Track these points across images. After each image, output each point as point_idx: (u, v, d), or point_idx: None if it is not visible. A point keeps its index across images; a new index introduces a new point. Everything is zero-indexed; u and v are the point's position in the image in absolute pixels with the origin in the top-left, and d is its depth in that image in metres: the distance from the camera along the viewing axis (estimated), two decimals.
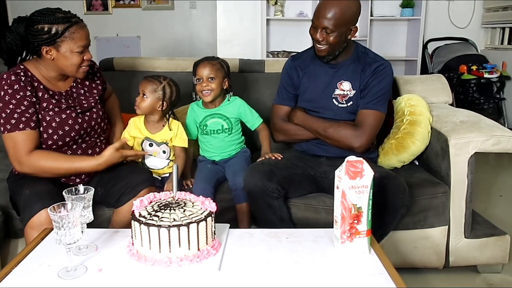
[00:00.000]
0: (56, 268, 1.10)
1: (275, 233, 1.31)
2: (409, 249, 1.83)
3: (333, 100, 1.78)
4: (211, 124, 1.91)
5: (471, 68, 3.77)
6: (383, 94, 1.74)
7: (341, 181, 1.16)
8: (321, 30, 1.66)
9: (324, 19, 1.64)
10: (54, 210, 1.05)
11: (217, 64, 1.86)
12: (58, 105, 1.58)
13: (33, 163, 1.51)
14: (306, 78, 1.83)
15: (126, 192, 1.57)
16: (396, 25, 4.40)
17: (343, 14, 1.63)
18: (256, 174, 1.65)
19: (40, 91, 1.56)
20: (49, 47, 1.51)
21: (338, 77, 1.78)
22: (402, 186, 1.58)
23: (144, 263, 1.11)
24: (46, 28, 1.48)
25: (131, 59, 2.37)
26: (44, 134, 1.56)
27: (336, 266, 1.14)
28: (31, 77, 1.56)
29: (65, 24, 1.50)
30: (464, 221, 1.82)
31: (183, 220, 1.11)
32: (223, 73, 1.86)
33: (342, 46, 1.71)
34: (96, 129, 1.69)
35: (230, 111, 1.92)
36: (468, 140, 1.76)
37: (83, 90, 1.69)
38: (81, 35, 1.53)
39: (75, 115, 1.60)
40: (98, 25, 5.22)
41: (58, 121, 1.56)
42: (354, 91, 1.76)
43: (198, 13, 5.47)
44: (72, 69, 1.56)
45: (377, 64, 1.75)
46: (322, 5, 1.66)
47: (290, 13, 4.23)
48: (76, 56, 1.54)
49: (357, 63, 1.77)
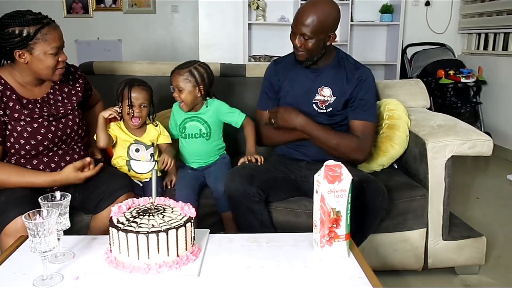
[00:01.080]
0: (32, 276, 1.08)
1: (255, 238, 1.31)
2: (389, 251, 1.85)
3: (313, 105, 1.79)
4: (190, 127, 1.89)
5: (448, 73, 3.85)
6: (373, 103, 1.79)
7: (320, 185, 1.17)
8: (299, 36, 1.67)
9: (302, 25, 1.65)
10: (29, 217, 1.03)
11: (185, 73, 1.80)
12: (30, 115, 1.54)
13: None
14: (287, 82, 1.84)
15: (105, 198, 1.55)
16: (376, 30, 4.47)
17: (321, 21, 1.63)
18: (237, 178, 1.64)
19: (11, 101, 1.52)
20: (22, 51, 1.46)
21: (319, 82, 1.79)
22: (381, 190, 1.60)
23: (122, 270, 1.10)
24: (17, 31, 1.44)
25: (111, 63, 2.34)
26: (15, 144, 1.52)
27: (315, 270, 1.15)
28: (4, 85, 1.52)
29: (37, 25, 1.46)
30: (442, 223, 1.85)
31: (162, 226, 1.11)
32: (192, 82, 1.80)
33: (320, 52, 1.72)
34: (73, 136, 1.65)
35: (209, 115, 1.89)
36: (445, 144, 1.79)
37: (60, 97, 1.65)
38: (54, 36, 1.49)
39: (47, 123, 1.56)
40: (79, 28, 5.16)
41: (29, 131, 1.52)
42: (335, 97, 1.77)
43: (180, 17, 5.45)
44: (47, 72, 1.53)
45: (359, 73, 1.76)
46: (300, 11, 1.67)
47: (271, 18, 4.26)
48: (50, 58, 1.50)
49: (338, 69, 1.78)
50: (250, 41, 4.26)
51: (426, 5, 4.43)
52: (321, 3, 1.67)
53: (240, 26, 4.18)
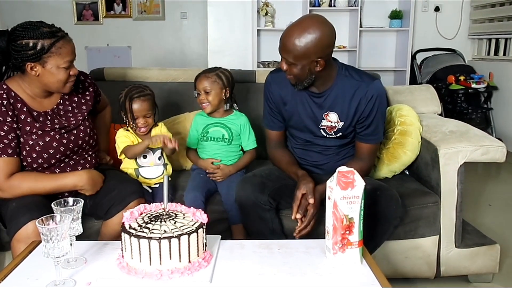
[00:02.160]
0: (44, 281, 1.08)
1: (266, 245, 1.31)
2: (400, 259, 1.83)
3: (321, 130, 1.71)
4: (212, 132, 1.93)
5: (459, 79, 3.82)
6: (382, 123, 1.70)
7: (332, 191, 1.16)
8: (283, 60, 1.54)
9: (283, 50, 1.51)
10: (42, 223, 1.03)
11: (213, 76, 1.87)
12: (41, 128, 1.53)
13: (14, 188, 1.47)
14: (290, 104, 1.71)
15: (115, 204, 1.55)
16: (385, 36, 4.47)
17: (303, 47, 1.46)
18: (248, 186, 1.63)
19: (23, 114, 1.51)
20: (34, 63, 1.44)
21: (323, 108, 1.66)
22: (395, 198, 1.58)
23: (135, 276, 1.10)
24: (31, 44, 1.42)
25: (121, 69, 2.36)
26: (28, 158, 1.51)
27: (328, 277, 1.14)
28: (14, 97, 1.50)
29: (51, 39, 1.44)
30: (455, 230, 1.82)
31: (174, 232, 1.10)
32: (220, 84, 1.87)
33: (309, 78, 1.55)
34: (84, 146, 1.64)
35: (234, 123, 1.94)
36: (457, 150, 1.77)
37: (70, 107, 1.64)
38: (68, 50, 1.48)
39: (59, 136, 1.55)
40: (89, 35, 5.22)
41: (41, 145, 1.52)
42: (342, 123, 1.66)
43: (189, 24, 5.49)
44: (58, 85, 1.51)
45: (368, 90, 1.61)
46: (285, 33, 1.51)
47: (280, 24, 4.27)
48: (62, 72, 1.48)
49: (342, 91, 1.63)
50: (259, 47, 4.28)
51: (436, 11, 4.42)
52: (308, 23, 1.48)
53: (249, 32, 4.21)
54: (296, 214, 1.52)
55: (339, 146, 1.75)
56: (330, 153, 1.76)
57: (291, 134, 1.81)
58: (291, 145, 1.84)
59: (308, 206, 1.53)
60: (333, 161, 1.76)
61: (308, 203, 1.53)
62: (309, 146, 1.77)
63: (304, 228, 1.53)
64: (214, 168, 1.87)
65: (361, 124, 1.66)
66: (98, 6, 5.34)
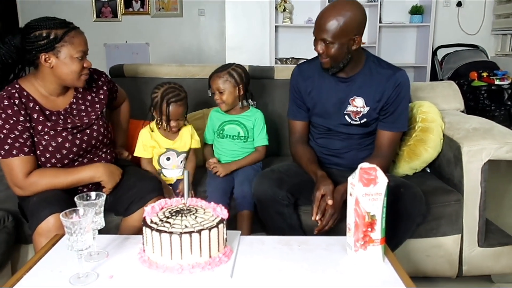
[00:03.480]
0: (67, 274, 1.09)
1: (286, 241, 1.30)
2: (421, 257, 1.81)
3: (345, 116, 1.71)
4: (228, 129, 1.93)
5: (481, 75, 3.74)
6: (406, 111, 1.71)
7: (354, 188, 1.14)
8: (321, 42, 1.57)
9: (321, 30, 1.54)
10: (66, 216, 1.04)
11: (225, 75, 1.86)
12: (53, 128, 1.53)
13: (33, 186, 1.49)
14: (315, 91, 1.74)
15: (135, 200, 1.56)
16: (405, 32, 4.40)
17: (342, 24, 1.52)
18: (266, 181, 1.63)
19: (35, 113, 1.51)
20: (48, 54, 1.46)
21: (350, 92, 1.68)
22: (418, 195, 1.56)
23: (156, 270, 1.10)
24: (45, 34, 1.45)
25: (141, 65, 2.38)
26: (41, 157, 1.53)
27: (349, 274, 1.12)
28: (27, 97, 1.52)
29: (64, 28, 1.47)
30: (478, 229, 1.79)
31: (194, 227, 1.11)
32: (232, 82, 1.86)
33: (346, 57, 1.59)
34: (98, 145, 1.65)
35: (249, 120, 1.94)
36: (481, 148, 1.74)
37: (84, 106, 1.64)
38: (80, 40, 1.50)
39: (71, 136, 1.56)
40: (108, 32, 5.26)
41: (54, 145, 1.53)
42: (368, 108, 1.67)
43: (206, 20, 5.49)
44: (73, 77, 1.51)
45: (395, 77, 1.64)
46: (320, 15, 1.57)
47: (298, 20, 4.24)
48: (76, 63, 1.49)
49: (370, 76, 1.66)
50: (277, 44, 4.26)
51: (458, 6, 4.32)
52: (341, 4, 1.55)
53: (267, 29, 4.18)
54: (316, 216, 1.53)
55: (362, 136, 1.74)
56: (352, 141, 1.75)
57: (314, 123, 1.80)
58: (313, 136, 1.83)
59: (326, 206, 1.53)
60: (355, 150, 1.76)
61: (327, 204, 1.53)
62: (332, 134, 1.76)
63: (323, 228, 1.53)
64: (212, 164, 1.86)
65: (385, 110, 1.67)
66: (117, 4, 5.39)
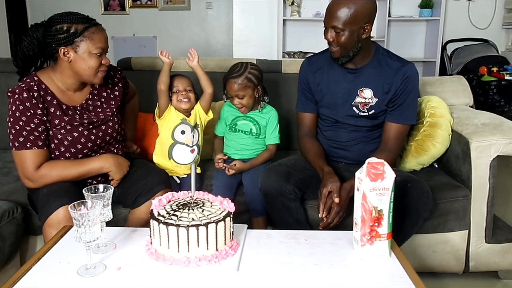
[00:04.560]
0: (76, 265, 1.11)
1: (293, 235, 1.30)
2: (427, 253, 1.80)
3: (354, 108, 1.70)
4: (241, 125, 1.93)
5: (491, 70, 3.69)
6: (415, 103, 1.70)
7: (361, 183, 1.14)
8: (331, 29, 1.58)
9: (332, 17, 1.55)
10: (74, 208, 1.05)
11: (244, 80, 1.82)
12: (70, 122, 1.55)
13: (43, 178, 1.50)
14: (323, 83, 1.74)
15: (143, 193, 1.58)
16: (414, 26, 4.35)
17: (353, 11, 1.53)
18: (273, 175, 1.63)
19: (53, 107, 1.53)
20: (67, 48, 1.47)
21: (359, 83, 1.68)
22: (425, 190, 1.55)
23: (163, 262, 1.11)
24: (65, 28, 1.46)
25: (148, 58, 2.38)
26: (55, 151, 1.54)
27: (356, 269, 1.12)
28: (45, 90, 1.53)
29: (85, 24, 1.48)
30: (485, 225, 1.78)
31: (201, 220, 1.11)
32: (252, 86, 1.84)
33: (356, 46, 1.59)
34: (111, 141, 1.66)
35: (262, 117, 1.93)
36: (490, 143, 1.72)
37: (99, 102, 1.65)
38: (100, 37, 1.51)
39: (87, 132, 1.57)
40: (115, 25, 5.27)
41: (70, 140, 1.54)
42: (376, 99, 1.67)
43: (214, 14, 5.48)
44: (90, 73, 1.52)
45: (404, 70, 1.64)
46: (331, 3, 1.59)
47: (306, 14, 4.21)
48: (94, 59, 1.50)
49: (379, 68, 1.66)
50: (285, 37, 4.23)
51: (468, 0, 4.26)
52: None
53: (275, 22, 4.16)
54: (323, 213, 1.53)
55: (369, 128, 1.73)
56: (360, 134, 1.75)
57: (322, 116, 1.80)
58: (321, 128, 1.82)
59: (332, 204, 1.53)
60: (363, 142, 1.75)
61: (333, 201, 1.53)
62: (340, 126, 1.76)
63: (328, 225, 1.54)
64: (221, 166, 1.85)
65: (394, 102, 1.67)
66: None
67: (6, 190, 1.74)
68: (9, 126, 1.48)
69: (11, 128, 1.48)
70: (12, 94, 1.48)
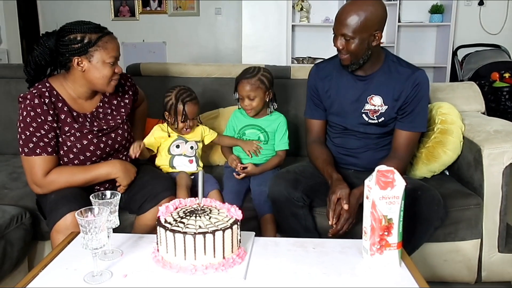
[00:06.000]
0: (82, 272, 1.10)
1: (301, 243, 1.28)
2: (439, 262, 1.77)
3: (363, 115, 1.68)
4: (249, 134, 1.93)
5: (503, 76, 3.65)
6: (425, 111, 1.67)
7: (371, 191, 1.12)
8: (341, 37, 1.55)
9: (342, 25, 1.53)
10: (81, 215, 1.05)
11: (257, 82, 1.82)
12: (80, 130, 1.55)
13: (51, 184, 1.50)
14: (333, 90, 1.72)
15: (149, 199, 1.57)
16: (424, 31, 4.32)
17: (363, 19, 1.50)
18: (281, 182, 1.62)
19: (63, 114, 1.53)
20: (80, 58, 1.47)
21: (368, 91, 1.66)
22: (437, 198, 1.53)
23: (169, 270, 1.10)
24: (79, 37, 1.46)
25: (157, 64, 2.39)
26: (64, 158, 1.55)
27: (365, 278, 1.10)
28: (56, 96, 1.53)
29: (98, 33, 1.48)
30: (498, 234, 1.74)
31: (208, 228, 1.10)
32: (264, 88, 1.84)
33: (366, 54, 1.57)
34: (120, 149, 1.66)
35: (269, 124, 1.92)
36: (503, 151, 1.69)
37: (110, 109, 1.66)
38: (113, 46, 1.51)
39: (96, 140, 1.57)
40: (125, 31, 5.31)
41: (79, 147, 1.54)
42: (386, 107, 1.64)
43: (223, 19, 5.50)
44: (103, 82, 1.52)
45: (415, 77, 1.61)
46: (340, 11, 1.56)
47: (315, 19, 4.21)
48: (108, 68, 1.50)
49: (389, 74, 1.64)
50: (293, 43, 4.22)
51: (480, 5, 4.22)
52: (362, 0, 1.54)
53: (284, 28, 4.16)
54: (333, 219, 1.52)
55: (379, 135, 1.71)
56: (369, 141, 1.73)
57: (331, 123, 1.78)
58: (330, 136, 1.81)
59: (341, 211, 1.51)
60: (372, 150, 1.73)
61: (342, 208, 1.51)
62: (349, 133, 1.74)
63: (337, 232, 1.52)
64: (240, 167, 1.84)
65: (404, 109, 1.64)
66: (135, 3, 5.44)
67: (15, 196, 1.75)
68: (19, 131, 1.49)
69: (21, 134, 1.48)
70: (23, 100, 1.49)
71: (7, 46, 4.46)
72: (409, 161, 1.75)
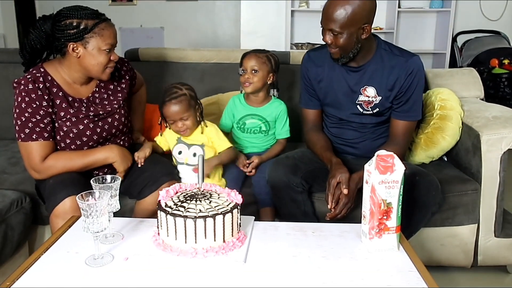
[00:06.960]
0: (84, 255, 1.11)
1: (300, 227, 1.29)
2: (435, 246, 1.79)
3: (357, 106, 1.67)
4: (250, 124, 1.90)
5: (503, 62, 3.64)
6: (420, 99, 1.66)
7: (370, 175, 1.13)
8: (329, 32, 1.52)
9: (329, 20, 1.49)
10: (82, 199, 1.05)
11: (263, 57, 1.82)
12: (76, 115, 1.54)
13: (49, 169, 1.50)
14: (325, 81, 1.70)
15: (149, 184, 1.58)
16: (424, 17, 4.29)
17: (350, 13, 1.46)
18: (281, 168, 1.62)
19: (58, 99, 1.52)
20: (76, 44, 1.46)
21: (361, 82, 1.64)
22: (434, 184, 1.53)
23: (170, 253, 1.11)
24: (75, 23, 1.45)
25: (156, 49, 2.37)
26: (61, 143, 1.54)
27: (364, 262, 1.12)
28: (51, 81, 1.52)
29: (95, 20, 1.46)
30: (495, 219, 1.76)
31: (209, 212, 1.11)
32: (269, 67, 1.82)
33: (355, 47, 1.54)
34: (117, 134, 1.66)
35: (270, 113, 1.89)
36: (501, 136, 1.70)
37: (106, 94, 1.64)
38: (110, 33, 1.49)
39: (93, 124, 1.56)
40: (123, 16, 5.26)
41: (75, 132, 1.54)
42: (380, 97, 1.63)
43: (221, 4, 5.44)
44: (98, 69, 1.51)
45: (408, 64, 1.59)
46: (327, 4, 1.51)
47: (315, 5, 4.16)
48: (103, 55, 1.49)
49: (381, 64, 1.61)
50: (293, 29, 4.19)
51: None
52: None
53: (283, 13, 4.12)
54: (331, 203, 1.52)
55: (375, 125, 1.71)
56: (366, 131, 1.72)
57: (327, 113, 1.78)
58: (326, 125, 1.81)
59: (340, 195, 1.52)
60: (369, 139, 1.73)
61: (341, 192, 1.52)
62: (345, 124, 1.74)
63: (335, 216, 1.52)
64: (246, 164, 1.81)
65: (399, 99, 1.63)
66: None
67: (15, 180, 1.76)
68: (14, 117, 1.49)
69: (17, 120, 1.48)
70: (18, 85, 1.48)
71: (4, 31, 4.42)
72: (407, 147, 1.76)
